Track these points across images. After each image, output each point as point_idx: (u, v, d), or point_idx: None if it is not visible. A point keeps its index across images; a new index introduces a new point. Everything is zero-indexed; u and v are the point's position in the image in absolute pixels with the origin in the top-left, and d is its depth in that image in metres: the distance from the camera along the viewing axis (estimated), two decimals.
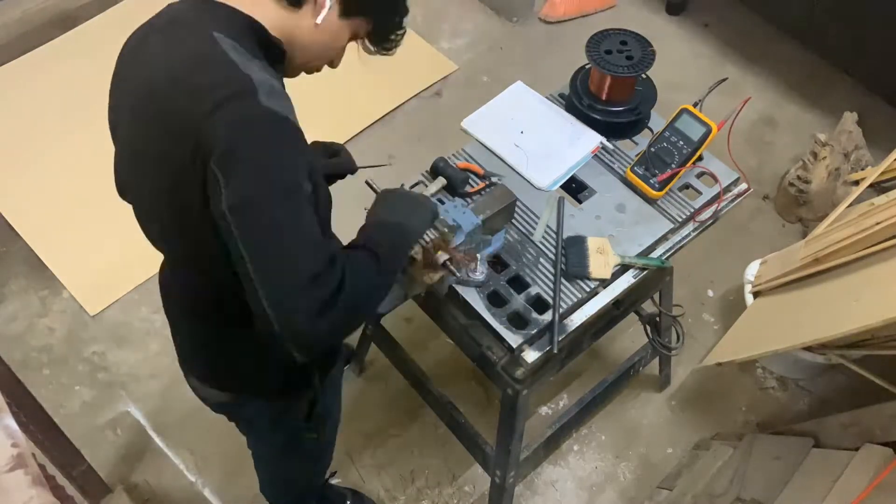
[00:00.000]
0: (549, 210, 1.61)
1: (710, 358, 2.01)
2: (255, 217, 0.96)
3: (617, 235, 1.58)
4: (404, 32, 1.21)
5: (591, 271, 1.50)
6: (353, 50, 1.23)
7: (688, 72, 3.05)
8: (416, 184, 1.65)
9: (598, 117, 1.71)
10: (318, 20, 1.10)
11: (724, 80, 1.73)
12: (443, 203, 1.45)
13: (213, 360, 1.34)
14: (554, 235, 1.57)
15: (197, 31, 1.03)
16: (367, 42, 1.20)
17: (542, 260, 1.54)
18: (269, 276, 0.97)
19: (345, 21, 1.14)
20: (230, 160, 0.95)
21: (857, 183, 2.41)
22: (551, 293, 1.49)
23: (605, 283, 1.53)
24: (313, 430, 1.47)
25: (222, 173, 0.95)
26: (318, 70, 1.23)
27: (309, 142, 1.14)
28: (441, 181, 1.59)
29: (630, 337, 2.39)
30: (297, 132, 1.02)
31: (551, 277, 1.51)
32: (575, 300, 1.49)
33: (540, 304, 1.49)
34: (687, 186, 1.67)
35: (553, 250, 1.54)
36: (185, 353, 1.40)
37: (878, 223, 1.70)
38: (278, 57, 1.11)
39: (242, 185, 0.95)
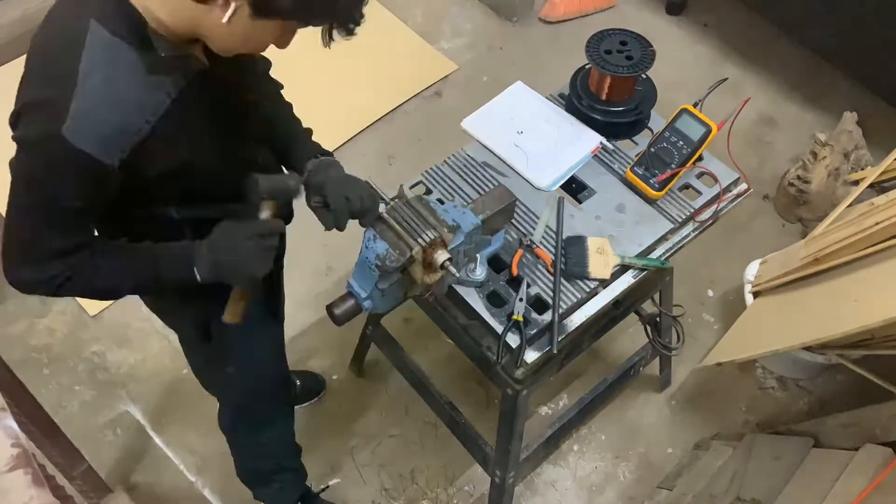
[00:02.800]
0: (549, 210, 1.61)
1: (710, 358, 2.01)
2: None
3: (617, 235, 1.58)
4: (355, 26, 1.06)
5: (591, 271, 1.50)
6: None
7: (688, 72, 3.05)
8: (416, 183, 1.65)
9: (598, 117, 1.71)
10: (224, 20, 1.01)
11: (724, 80, 1.74)
12: (442, 203, 1.45)
13: None
14: (554, 235, 1.57)
15: (82, 9, 1.03)
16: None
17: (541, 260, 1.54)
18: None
19: (261, 21, 1.02)
20: (14, 160, 1.07)
21: (857, 183, 2.41)
22: (551, 293, 1.49)
23: (604, 284, 1.53)
24: (218, 359, 1.56)
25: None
26: (256, 53, 1.14)
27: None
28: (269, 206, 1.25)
29: (630, 337, 2.39)
30: (84, 166, 1.02)
31: (551, 277, 1.51)
32: (575, 300, 1.49)
33: (540, 304, 1.49)
34: (687, 186, 1.67)
35: (553, 250, 1.54)
36: None
37: (878, 223, 1.70)
38: (164, 51, 1.05)
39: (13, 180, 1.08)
